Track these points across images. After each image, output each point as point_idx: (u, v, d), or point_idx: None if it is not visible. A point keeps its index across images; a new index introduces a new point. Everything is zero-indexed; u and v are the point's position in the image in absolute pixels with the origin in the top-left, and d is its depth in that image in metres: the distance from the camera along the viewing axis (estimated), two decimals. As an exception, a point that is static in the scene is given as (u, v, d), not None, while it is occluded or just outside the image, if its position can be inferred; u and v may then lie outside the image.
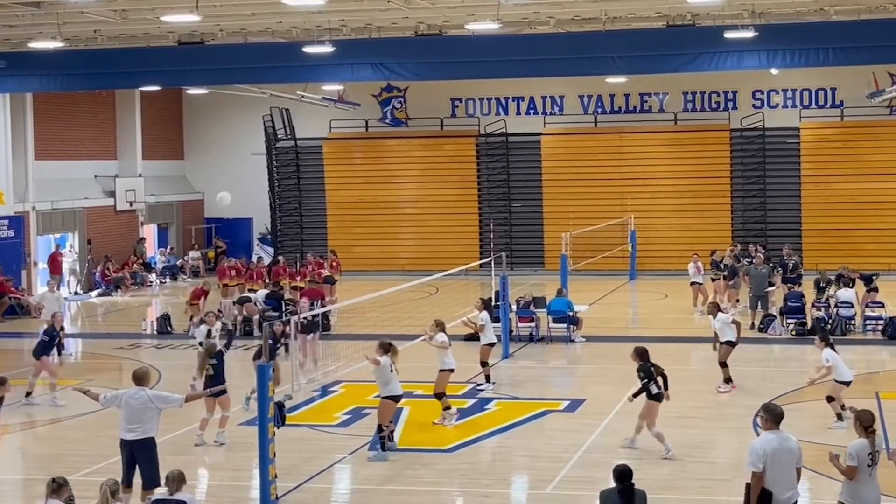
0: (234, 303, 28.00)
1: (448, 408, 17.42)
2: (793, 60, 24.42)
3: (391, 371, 15.39)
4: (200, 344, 18.48)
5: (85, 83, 29.43)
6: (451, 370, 17.48)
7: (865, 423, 10.32)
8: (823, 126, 37.79)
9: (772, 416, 10.40)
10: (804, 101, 38.18)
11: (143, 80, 29.04)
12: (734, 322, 19.55)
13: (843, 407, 16.31)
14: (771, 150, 37.97)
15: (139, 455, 12.36)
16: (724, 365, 19.36)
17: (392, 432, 15.81)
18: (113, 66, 26.84)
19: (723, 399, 18.77)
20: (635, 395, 15.43)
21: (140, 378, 12.79)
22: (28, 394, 19.53)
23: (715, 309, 19.72)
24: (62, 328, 21.27)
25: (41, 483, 10.86)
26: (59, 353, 20.56)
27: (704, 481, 14.00)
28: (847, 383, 16.61)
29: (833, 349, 16.66)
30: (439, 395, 17.36)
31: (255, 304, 27.06)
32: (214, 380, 16.05)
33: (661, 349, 21.07)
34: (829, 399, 16.63)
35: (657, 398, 15.26)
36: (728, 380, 19.36)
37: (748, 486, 10.21)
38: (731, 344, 19.34)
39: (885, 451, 10.71)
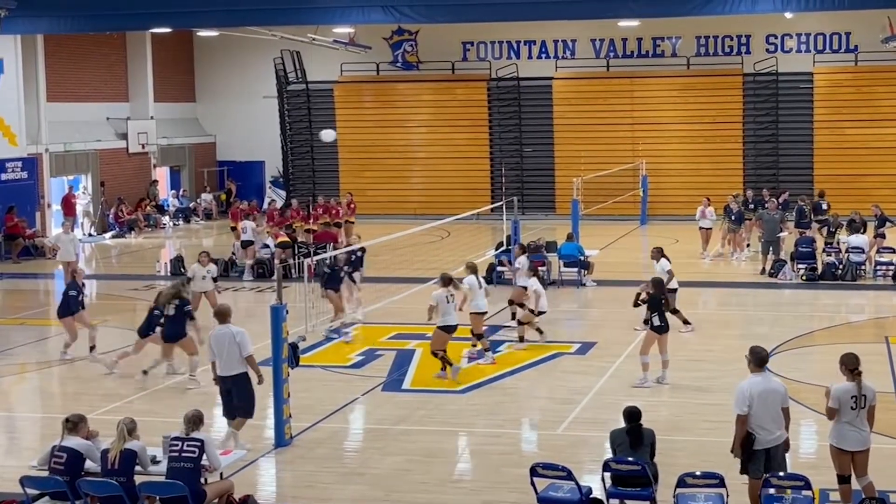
0: (241, 247, 28.01)
1: (487, 349, 17.75)
2: (807, 4, 24.22)
3: (449, 302, 16.20)
4: None
5: (95, 25, 29.32)
6: (482, 312, 17.69)
7: (850, 365, 10.46)
8: (837, 71, 37.52)
9: (756, 358, 10.64)
10: (818, 46, 37.87)
11: (153, 21, 28.91)
12: (668, 272, 19.24)
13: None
14: (784, 95, 37.75)
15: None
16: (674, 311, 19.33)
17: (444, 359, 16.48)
18: (123, 7, 26.73)
19: (731, 342, 18.85)
20: (645, 322, 15.94)
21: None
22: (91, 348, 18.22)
23: (658, 254, 19.68)
24: (74, 274, 19.08)
25: (58, 421, 11.03)
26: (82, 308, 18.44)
27: (710, 422, 14.15)
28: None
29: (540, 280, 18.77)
30: (479, 336, 17.69)
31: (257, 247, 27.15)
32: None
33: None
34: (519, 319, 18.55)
35: (658, 330, 15.72)
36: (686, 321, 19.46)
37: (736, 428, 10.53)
38: (671, 290, 19.28)
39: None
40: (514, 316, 20.15)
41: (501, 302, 20.66)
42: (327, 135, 25.92)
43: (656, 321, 15.74)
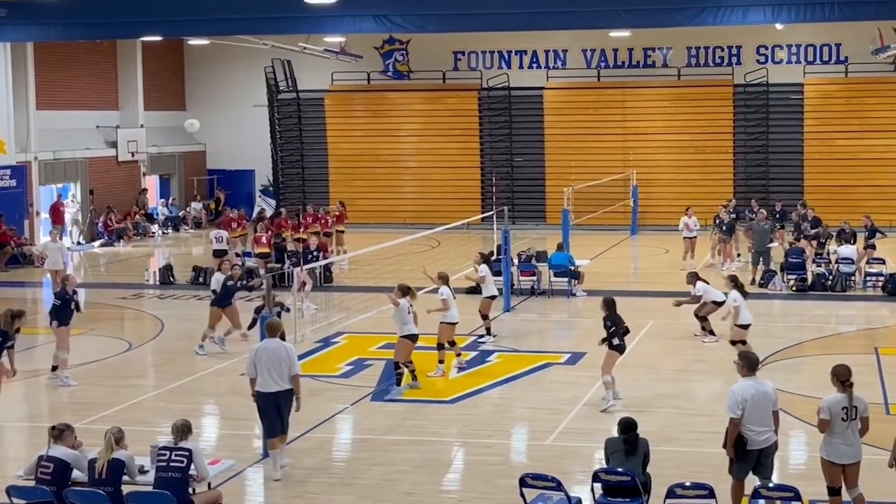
0: (213, 256, 27.72)
1: (459, 354, 17.85)
2: (798, 15, 24.25)
3: (409, 312, 16.15)
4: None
5: (86, 33, 29.24)
6: (455, 323, 17.60)
7: (842, 377, 10.45)
8: (827, 82, 37.63)
9: (748, 363, 10.77)
10: (808, 57, 38.00)
11: (144, 30, 28.85)
12: (693, 297, 19.60)
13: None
14: (774, 105, 37.85)
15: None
16: (703, 318, 19.75)
17: (413, 371, 16.50)
18: (114, 15, 26.65)
19: (720, 353, 18.85)
20: (602, 341, 15.45)
21: None
22: (54, 367, 17.66)
23: (695, 279, 19.80)
24: (64, 282, 18.24)
25: (45, 430, 10.94)
26: (77, 311, 18.10)
27: (700, 433, 14.12)
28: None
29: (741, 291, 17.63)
30: (441, 346, 17.52)
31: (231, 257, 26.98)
32: None
33: (661, 303, 21.23)
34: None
35: (618, 349, 15.41)
36: (712, 331, 19.62)
37: (728, 430, 10.58)
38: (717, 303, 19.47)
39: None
40: (488, 330, 20.03)
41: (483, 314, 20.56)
42: (190, 125, 26.18)
43: (615, 340, 15.50)
